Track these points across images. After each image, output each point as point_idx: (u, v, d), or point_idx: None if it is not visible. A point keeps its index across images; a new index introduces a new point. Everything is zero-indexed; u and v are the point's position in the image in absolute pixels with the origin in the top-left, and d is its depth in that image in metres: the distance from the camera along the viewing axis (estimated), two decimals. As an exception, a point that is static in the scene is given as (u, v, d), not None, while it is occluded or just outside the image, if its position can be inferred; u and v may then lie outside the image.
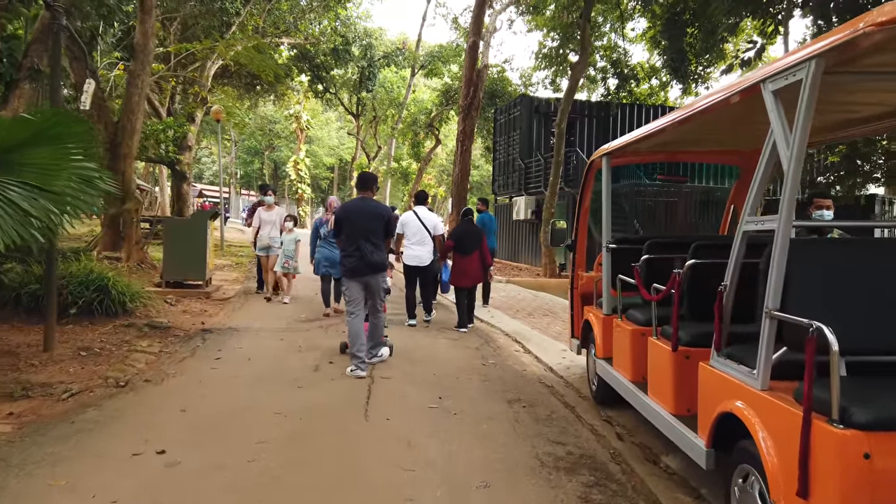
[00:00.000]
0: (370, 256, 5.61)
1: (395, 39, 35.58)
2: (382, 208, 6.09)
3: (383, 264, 5.85)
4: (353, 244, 5.63)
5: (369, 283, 5.72)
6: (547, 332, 8.00)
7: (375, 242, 5.67)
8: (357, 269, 5.64)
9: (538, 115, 19.31)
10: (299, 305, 9.30)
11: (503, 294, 11.87)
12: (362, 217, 5.72)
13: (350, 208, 5.97)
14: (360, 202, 5.93)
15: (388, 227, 5.88)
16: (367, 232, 5.66)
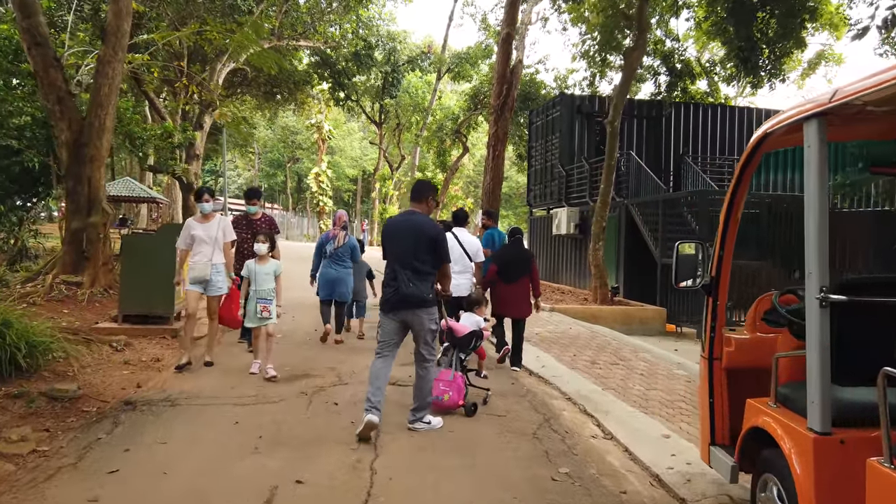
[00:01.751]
0: (407, 287, 4.38)
1: (421, 43, 33.72)
2: (429, 225, 4.64)
3: (424, 298, 4.45)
4: (391, 270, 4.53)
5: (408, 323, 4.51)
6: (627, 396, 5.66)
7: (418, 269, 4.44)
8: (391, 303, 4.50)
9: (580, 115, 16.99)
10: (282, 352, 7.10)
11: (550, 327, 9.53)
12: (404, 235, 4.54)
13: (392, 224, 4.79)
14: (406, 217, 4.73)
15: (436, 249, 4.53)
16: (407, 254, 4.47)
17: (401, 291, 4.37)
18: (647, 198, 13.55)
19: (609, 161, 12.42)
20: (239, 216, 6.94)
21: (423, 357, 4.56)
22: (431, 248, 4.46)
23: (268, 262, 5.82)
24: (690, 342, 11.17)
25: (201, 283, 5.99)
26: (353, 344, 7.73)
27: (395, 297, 4.43)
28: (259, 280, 5.77)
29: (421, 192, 4.76)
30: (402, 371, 6.03)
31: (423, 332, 4.49)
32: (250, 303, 5.78)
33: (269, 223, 6.81)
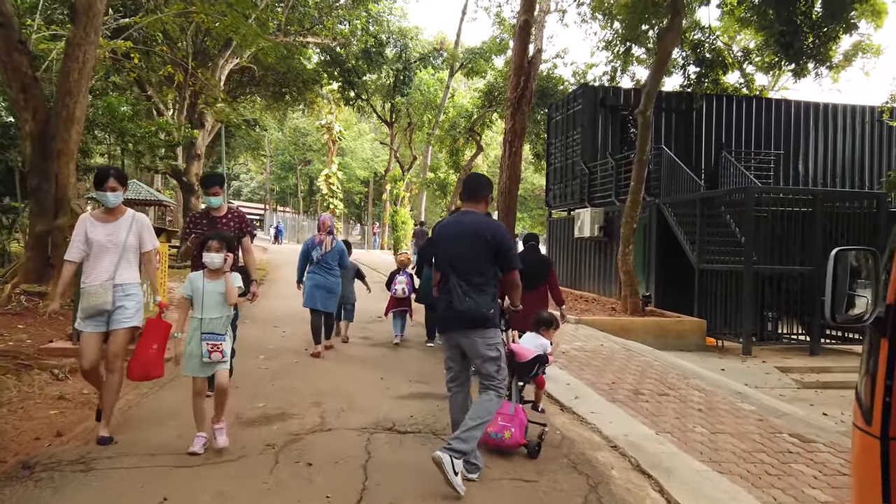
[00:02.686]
0: (462, 301, 3.62)
1: (433, 40, 32.61)
2: (489, 227, 3.77)
3: (483, 315, 3.62)
4: (444, 280, 3.81)
5: (462, 346, 3.74)
6: (689, 443, 4.41)
7: (473, 280, 3.67)
8: (443, 319, 3.86)
9: (604, 108, 15.71)
10: (260, 380, 5.94)
11: (577, 344, 8.28)
12: (459, 240, 3.77)
13: (444, 228, 4.00)
14: (459, 218, 3.91)
15: (498, 256, 3.71)
16: (463, 262, 3.72)
17: (454, 306, 3.62)
18: (683, 196, 12.25)
19: (640, 156, 11.16)
20: (197, 214, 5.30)
21: (484, 386, 3.71)
22: (493, 253, 3.67)
23: (221, 279, 3.83)
24: (735, 359, 9.87)
25: (99, 318, 3.92)
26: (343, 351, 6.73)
27: (447, 312, 3.69)
28: (207, 305, 3.78)
29: (475, 190, 3.89)
30: (395, 406, 4.82)
31: (480, 362, 3.66)
32: (192, 338, 3.84)
33: (239, 221, 5.16)
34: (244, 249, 5.13)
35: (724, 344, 10.86)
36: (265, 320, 9.13)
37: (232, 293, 3.85)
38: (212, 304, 3.83)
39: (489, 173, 42.95)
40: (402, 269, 8.40)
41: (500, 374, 3.70)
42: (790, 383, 8.73)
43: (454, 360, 3.83)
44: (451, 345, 3.80)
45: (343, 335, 7.97)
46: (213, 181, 5.06)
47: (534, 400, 5.02)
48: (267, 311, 10.12)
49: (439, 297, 3.83)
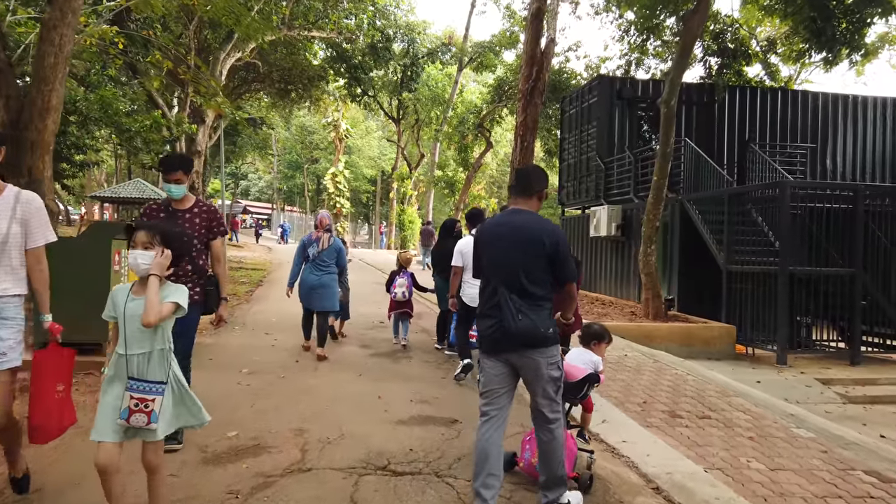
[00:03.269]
0: (515, 319, 2.99)
1: (441, 34, 31.85)
2: (545, 229, 3.13)
3: (541, 334, 3.02)
4: (491, 292, 3.12)
5: (517, 367, 3.10)
6: (747, 483, 3.63)
7: (530, 291, 3.04)
8: (492, 340, 3.10)
9: (621, 101, 14.88)
10: (239, 399, 5.20)
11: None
12: (508, 244, 3.13)
13: (490, 229, 3.31)
14: (508, 218, 3.23)
15: (554, 265, 3.09)
16: (513, 271, 3.06)
17: (506, 325, 3.00)
18: (709, 192, 11.41)
19: (664, 149, 10.34)
20: (154, 205, 4.01)
21: (544, 416, 3.11)
22: (550, 261, 3.06)
23: (155, 292, 2.55)
24: (770, 370, 9.03)
25: None
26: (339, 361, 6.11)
27: (497, 332, 3.05)
28: (131, 334, 2.57)
29: (528, 183, 3.27)
30: (392, 435, 4.06)
31: (541, 383, 3.07)
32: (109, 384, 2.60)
33: (209, 218, 3.96)
34: (214, 256, 3.99)
35: (755, 352, 10.03)
36: (257, 326, 8.41)
37: (152, 309, 2.52)
38: (136, 334, 2.54)
39: (499, 172, 42.14)
40: (402, 270, 7.74)
41: (558, 397, 3.15)
42: (834, 398, 7.90)
43: (499, 381, 3.13)
44: (501, 364, 3.11)
45: (338, 330, 7.82)
46: (174, 164, 3.84)
47: (580, 425, 4.25)
48: (261, 315, 9.40)
49: (483, 314, 3.17)
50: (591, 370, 3.80)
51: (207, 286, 3.91)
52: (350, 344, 7.51)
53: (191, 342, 3.99)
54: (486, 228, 3.35)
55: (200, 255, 3.91)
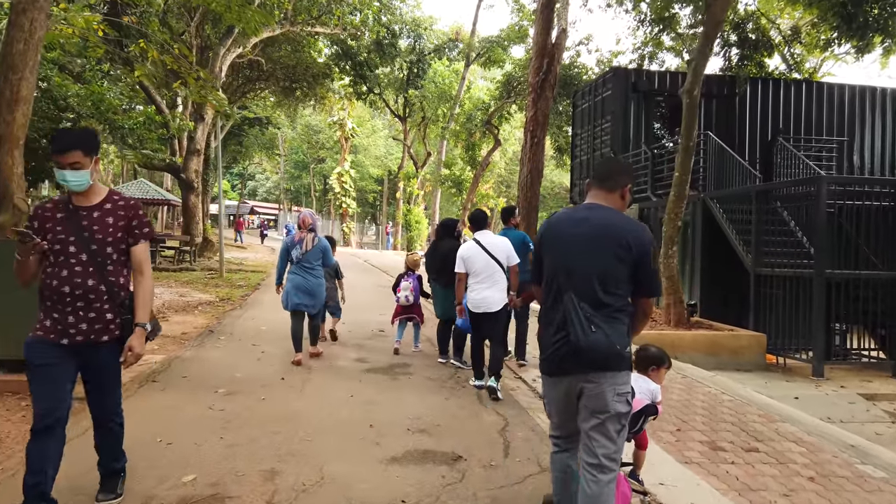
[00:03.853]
0: (585, 332, 2.43)
1: (448, 30, 31.18)
2: (631, 230, 2.59)
3: (615, 352, 2.46)
4: (555, 300, 2.58)
5: (586, 394, 2.50)
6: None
7: (602, 303, 2.48)
8: (556, 358, 2.55)
9: (637, 94, 14.12)
10: (210, 426, 4.51)
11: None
12: (580, 243, 2.57)
13: (557, 226, 2.72)
14: (584, 214, 2.66)
15: (638, 272, 2.54)
16: (586, 276, 2.52)
17: (574, 340, 2.49)
18: (734, 189, 10.63)
19: (686, 142, 9.57)
20: (50, 203, 2.87)
21: (595, 461, 2.51)
22: (634, 267, 2.55)
23: None
24: (806, 383, 8.25)
25: None
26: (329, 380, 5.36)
27: (563, 347, 2.54)
28: None
29: (609, 175, 2.75)
30: (382, 479, 3.34)
31: (601, 417, 2.51)
32: None
33: (127, 217, 2.84)
34: (136, 268, 2.89)
35: (786, 362, 9.25)
36: (245, 336, 7.73)
37: None
38: None
39: (507, 171, 41.35)
40: (409, 272, 7.22)
41: (620, 440, 2.56)
42: (882, 416, 7.12)
43: (566, 410, 2.65)
44: (563, 391, 2.62)
45: (329, 330, 7.65)
46: (68, 141, 2.72)
47: (633, 464, 3.60)
48: (251, 323, 8.73)
49: (545, 326, 2.67)
50: (648, 400, 3.24)
51: (123, 314, 2.82)
52: (345, 355, 6.82)
53: (114, 399, 2.99)
54: (554, 224, 2.77)
55: (119, 271, 2.82)
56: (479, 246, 5.53)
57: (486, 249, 5.50)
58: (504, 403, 5.17)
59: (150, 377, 5.44)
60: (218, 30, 19.97)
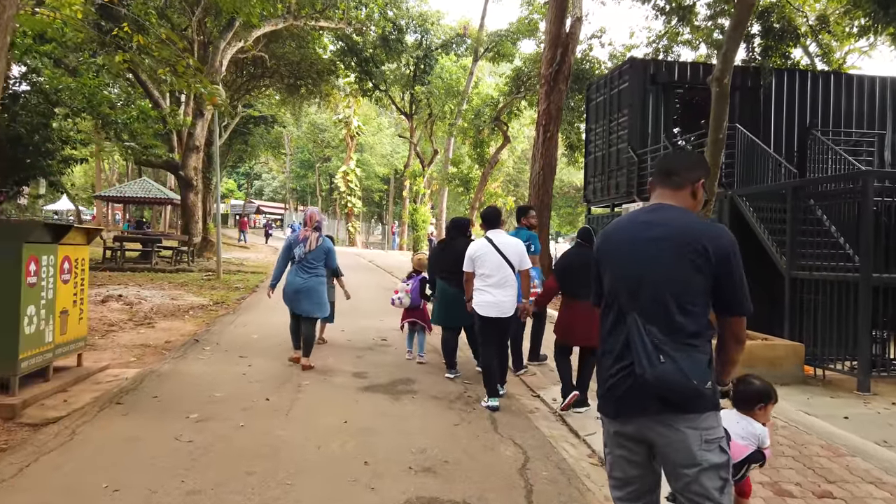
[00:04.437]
0: (650, 364, 1.88)
1: (455, 25, 30.46)
2: (709, 233, 2.00)
3: (695, 392, 1.87)
4: (614, 322, 2.08)
5: (654, 442, 2.00)
6: None
7: (676, 322, 1.93)
8: (617, 395, 2.03)
9: (656, 86, 13.35)
10: (175, 459, 3.81)
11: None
12: (646, 251, 2.04)
13: (616, 233, 2.19)
14: (648, 216, 2.11)
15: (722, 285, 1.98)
16: (654, 293, 1.98)
17: (639, 372, 1.92)
18: (766, 186, 9.85)
19: (715, 135, 8.80)
20: None
21: None
22: (715, 279, 1.98)
23: None
24: (853, 399, 7.46)
25: None
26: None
27: (625, 382, 2.00)
28: None
29: (675, 170, 2.18)
30: None
31: (691, 472, 1.93)
32: None
33: None
34: None
35: (825, 374, 8.45)
36: (233, 346, 7.04)
37: None
38: None
39: (515, 169, 40.56)
40: (416, 273, 6.73)
41: (726, 499, 1.96)
42: (945, 439, 6.33)
43: (632, 464, 2.09)
44: (629, 437, 2.07)
45: (319, 336, 7.30)
46: None
47: None
48: (242, 330, 8.05)
49: (604, 355, 2.13)
50: (753, 446, 2.74)
51: None
52: (341, 369, 6.12)
53: None
54: (611, 233, 2.21)
55: None
56: (491, 245, 5.16)
57: (499, 249, 5.13)
58: (522, 430, 4.45)
59: (115, 398, 4.75)
60: (218, 23, 19.34)
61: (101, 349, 6.59)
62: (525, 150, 34.77)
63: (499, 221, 5.44)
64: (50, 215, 57.21)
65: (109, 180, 48.07)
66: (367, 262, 22.23)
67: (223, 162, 45.19)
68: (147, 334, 7.63)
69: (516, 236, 6.80)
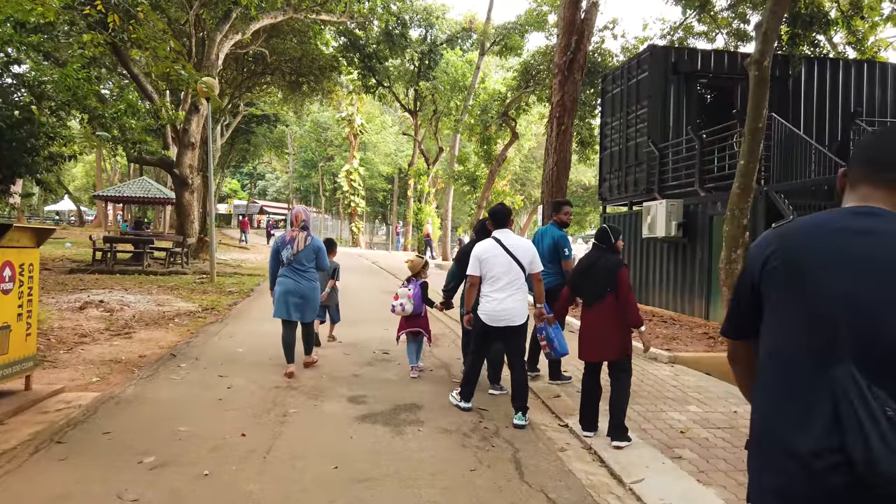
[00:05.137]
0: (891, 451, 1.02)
1: (461, 19, 29.61)
2: None
3: None
4: (807, 380, 1.18)
5: None
6: None
7: None
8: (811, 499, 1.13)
9: (678, 75, 12.46)
10: None
11: (692, 408, 5.11)
12: (867, 277, 1.16)
13: (810, 242, 1.27)
14: (863, 223, 1.23)
15: None
16: (883, 337, 1.11)
17: (863, 461, 1.05)
18: (807, 181, 8.97)
19: (754, 123, 7.93)
20: None
21: None
22: None
23: None
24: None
25: None
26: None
27: (829, 478, 1.10)
28: None
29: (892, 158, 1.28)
30: None
31: None
32: None
33: None
34: None
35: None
36: (213, 361, 6.20)
37: None
38: None
39: (522, 168, 39.61)
40: (412, 278, 6.12)
41: None
42: None
43: None
44: None
45: (329, 335, 7.46)
46: None
47: None
48: (227, 342, 7.21)
49: (775, 425, 1.26)
50: None
51: None
52: (335, 391, 5.27)
53: None
54: (798, 241, 1.32)
55: None
56: (499, 246, 4.76)
57: (508, 250, 4.72)
58: (553, 476, 3.60)
59: (57, 434, 3.92)
60: (215, 14, 18.54)
61: (61, 367, 5.76)
62: (533, 149, 33.90)
63: (507, 220, 4.95)
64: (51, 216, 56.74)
65: (111, 180, 47.44)
66: (369, 263, 21.39)
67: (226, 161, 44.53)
68: (121, 347, 6.81)
69: (545, 234, 6.09)
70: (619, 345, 4.35)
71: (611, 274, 4.38)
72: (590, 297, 4.49)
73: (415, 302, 5.88)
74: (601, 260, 4.47)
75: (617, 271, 4.38)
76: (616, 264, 4.43)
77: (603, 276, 4.40)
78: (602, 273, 4.41)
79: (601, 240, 4.56)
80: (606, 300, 4.37)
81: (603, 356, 4.40)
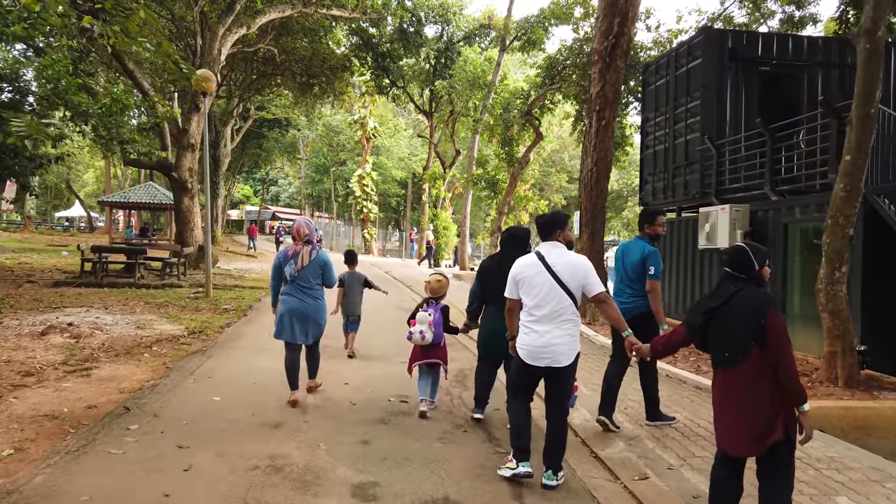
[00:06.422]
0: None
1: (479, 15, 28.20)
2: None
3: None
4: None
5: None
6: None
7: None
8: None
9: (736, 62, 10.89)
10: None
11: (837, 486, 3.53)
12: None
13: None
14: None
15: None
16: None
17: None
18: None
19: (864, 109, 6.34)
20: None
21: None
22: None
23: None
24: None
25: None
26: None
27: None
28: None
29: None
30: None
31: None
32: None
33: None
34: None
35: None
36: (176, 420, 4.67)
37: None
38: None
39: (541, 172, 37.99)
40: (431, 301, 5.23)
41: None
42: None
43: None
44: None
45: (350, 349, 7.27)
46: None
47: None
48: (202, 386, 5.71)
49: None
50: None
51: None
52: (332, 480, 3.74)
53: None
54: None
55: None
56: (541, 263, 3.74)
57: (552, 270, 3.69)
58: None
59: None
60: (217, 6, 17.25)
61: (-28, 428, 4.31)
62: (554, 151, 32.29)
63: (554, 231, 3.85)
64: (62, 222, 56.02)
65: (122, 185, 46.58)
66: (382, 273, 19.85)
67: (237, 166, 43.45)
68: (70, 391, 5.36)
69: (632, 249, 4.83)
70: (762, 429, 2.81)
71: (754, 318, 2.84)
72: (722, 352, 2.96)
73: (435, 330, 4.98)
74: (738, 296, 2.92)
75: (764, 313, 2.82)
76: (761, 303, 2.87)
77: (743, 321, 2.86)
78: (741, 317, 2.87)
79: (738, 265, 3.00)
80: (750, 357, 2.83)
81: (752, 447, 2.86)
